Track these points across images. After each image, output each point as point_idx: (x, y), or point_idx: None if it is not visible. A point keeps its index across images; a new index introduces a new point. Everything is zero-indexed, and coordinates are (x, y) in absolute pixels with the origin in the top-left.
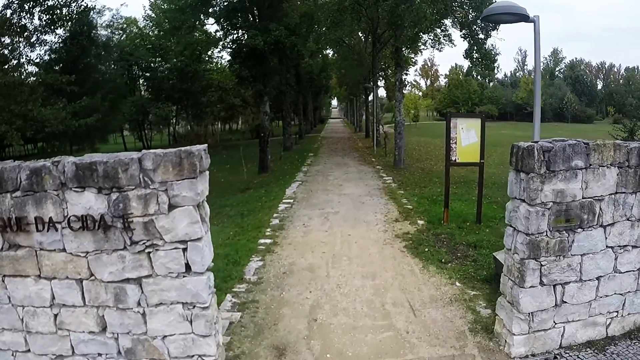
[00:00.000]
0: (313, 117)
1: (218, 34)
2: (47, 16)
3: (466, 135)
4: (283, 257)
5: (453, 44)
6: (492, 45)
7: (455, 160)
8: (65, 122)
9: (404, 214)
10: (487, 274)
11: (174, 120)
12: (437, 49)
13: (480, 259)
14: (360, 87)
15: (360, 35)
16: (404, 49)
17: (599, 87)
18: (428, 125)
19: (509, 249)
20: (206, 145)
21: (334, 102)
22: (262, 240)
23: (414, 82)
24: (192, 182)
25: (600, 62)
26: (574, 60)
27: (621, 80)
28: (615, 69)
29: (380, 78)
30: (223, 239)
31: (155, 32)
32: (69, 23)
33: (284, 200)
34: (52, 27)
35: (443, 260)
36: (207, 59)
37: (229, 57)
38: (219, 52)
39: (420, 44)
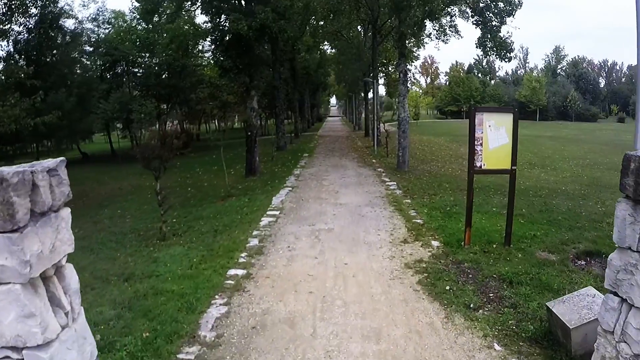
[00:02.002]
0: (310, 114)
1: (207, 25)
2: (4, 1)
3: (495, 135)
4: (256, 299)
5: (459, 35)
6: (508, 33)
7: (480, 166)
8: (20, 121)
9: (413, 232)
10: (535, 330)
11: (165, 118)
12: (443, 40)
13: (521, 303)
14: (360, 83)
15: (359, 28)
16: (408, 32)
17: (602, 85)
18: (429, 123)
19: (608, 331)
20: (62, 159)
21: (333, 100)
22: (232, 272)
23: (414, 80)
24: (11, 238)
25: (603, 59)
26: (577, 57)
27: (623, 79)
28: (618, 67)
29: (381, 74)
30: (184, 268)
31: (143, 24)
32: (31, 10)
33: (268, 212)
34: (10, 15)
35: (472, 306)
36: (197, 53)
37: (212, 47)
38: (210, 45)
39: (424, 35)
